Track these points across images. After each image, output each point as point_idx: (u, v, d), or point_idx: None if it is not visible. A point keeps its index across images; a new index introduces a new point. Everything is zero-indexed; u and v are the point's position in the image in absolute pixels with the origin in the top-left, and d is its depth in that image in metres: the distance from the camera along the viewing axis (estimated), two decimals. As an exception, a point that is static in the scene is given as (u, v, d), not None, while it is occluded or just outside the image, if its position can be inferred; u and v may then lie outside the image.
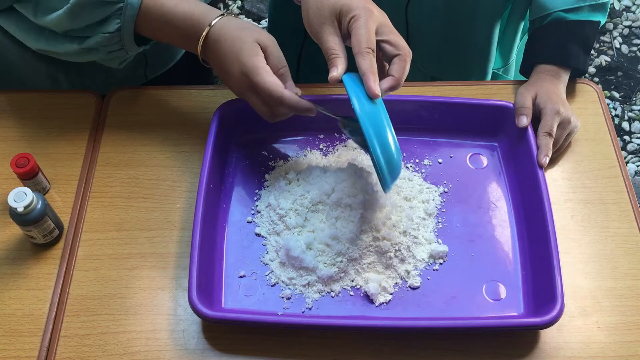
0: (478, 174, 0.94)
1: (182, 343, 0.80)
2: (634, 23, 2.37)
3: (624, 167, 0.95)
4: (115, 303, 0.83)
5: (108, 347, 0.80)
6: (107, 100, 1.02)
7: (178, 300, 0.83)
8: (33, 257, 0.87)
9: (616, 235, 0.88)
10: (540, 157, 0.89)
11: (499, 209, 0.90)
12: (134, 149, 0.97)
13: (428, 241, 0.86)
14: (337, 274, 0.83)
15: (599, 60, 2.27)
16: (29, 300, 0.83)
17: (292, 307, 0.82)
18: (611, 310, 0.82)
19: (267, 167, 0.94)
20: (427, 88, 1.03)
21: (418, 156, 0.95)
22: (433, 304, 0.82)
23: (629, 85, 2.22)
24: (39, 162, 0.89)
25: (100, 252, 0.87)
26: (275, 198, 0.88)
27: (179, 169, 0.95)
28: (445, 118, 0.96)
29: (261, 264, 0.85)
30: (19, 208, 0.80)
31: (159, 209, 0.91)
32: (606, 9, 0.98)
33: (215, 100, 1.00)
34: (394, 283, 0.83)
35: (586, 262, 0.86)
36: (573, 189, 0.92)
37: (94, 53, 0.88)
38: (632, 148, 2.09)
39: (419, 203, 0.89)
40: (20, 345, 0.80)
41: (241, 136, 0.96)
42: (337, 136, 0.97)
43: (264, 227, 0.88)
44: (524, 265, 0.85)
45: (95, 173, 0.94)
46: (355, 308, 0.82)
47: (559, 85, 0.96)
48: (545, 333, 0.80)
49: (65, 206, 0.91)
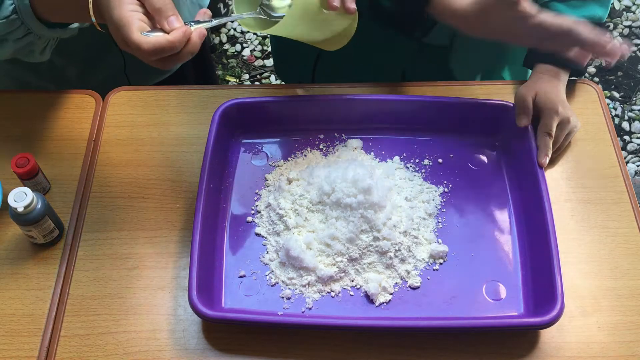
0: (478, 174, 0.94)
1: (182, 343, 0.80)
2: (634, 23, 2.37)
3: (624, 167, 0.95)
4: (115, 303, 0.83)
5: (108, 347, 0.80)
6: (107, 100, 1.02)
7: (178, 300, 0.83)
8: (33, 257, 0.87)
9: (616, 235, 0.88)
10: (540, 157, 0.89)
11: (499, 209, 0.90)
12: (134, 149, 0.97)
13: (428, 241, 0.86)
14: (337, 274, 0.83)
15: (599, 60, 2.27)
16: (29, 300, 0.83)
17: (292, 307, 0.82)
18: (611, 310, 0.82)
19: (267, 167, 0.94)
20: (428, 88, 1.03)
21: (418, 156, 0.95)
22: (433, 304, 0.82)
23: (629, 85, 2.22)
24: (39, 162, 0.89)
25: (100, 252, 0.87)
26: (275, 198, 0.88)
27: (179, 169, 0.95)
28: (445, 118, 0.96)
29: (261, 264, 0.85)
30: (19, 208, 0.80)
31: (159, 209, 0.91)
32: (607, 4, 0.97)
33: (215, 100, 1.00)
34: (394, 283, 0.83)
35: (586, 262, 0.86)
36: (573, 189, 0.92)
37: (4, 45, 0.83)
38: (632, 148, 2.09)
39: (419, 203, 0.89)
40: (20, 345, 0.80)
41: (241, 136, 0.96)
42: (337, 136, 0.97)
43: (264, 227, 0.88)
44: (524, 265, 0.85)
45: (95, 173, 0.94)
46: (355, 308, 0.82)
47: (559, 85, 0.96)
48: (545, 333, 0.80)
49: (65, 206, 0.91)
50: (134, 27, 0.69)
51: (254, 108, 0.95)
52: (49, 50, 0.88)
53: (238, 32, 2.38)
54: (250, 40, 2.36)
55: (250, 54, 2.32)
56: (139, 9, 0.71)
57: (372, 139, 0.97)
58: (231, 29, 2.39)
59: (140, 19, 0.70)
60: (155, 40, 0.69)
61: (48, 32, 0.84)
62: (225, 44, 2.35)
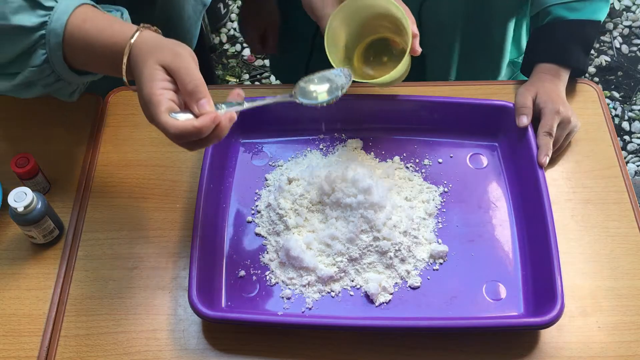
0: (478, 174, 0.94)
1: (182, 343, 0.80)
2: (634, 23, 2.37)
3: (624, 167, 0.95)
4: (115, 303, 0.83)
5: (108, 347, 0.80)
6: (107, 100, 1.02)
7: (178, 300, 0.83)
8: (33, 257, 0.87)
9: (616, 235, 0.88)
10: (540, 156, 0.89)
11: (499, 209, 0.90)
12: (134, 149, 0.97)
13: (428, 241, 0.86)
14: (337, 274, 0.83)
15: (599, 60, 2.27)
16: (29, 300, 0.83)
17: (292, 307, 0.82)
18: (611, 310, 0.82)
19: (267, 167, 0.94)
20: (428, 88, 1.03)
21: (418, 156, 0.95)
22: (433, 304, 0.82)
23: (629, 85, 2.22)
24: (39, 162, 0.89)
25: (100, 252, 0.87)
26: (275, 198, 0.88)
27: (179, 169, 0.95)
28: (445, 118, 0.96)
29: (261, 264, 0.85)
30: (19, 208, 0.80)
31: (159, 209, 0.91)
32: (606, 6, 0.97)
33: (216, 100, 0.99)
34: (394, 283, 0.83)
35: (586, 262, 0.86)
36: (573, 189, 0.92)
37: (32, 88, 0.81)
38: (632, 148, 2.09)
39: (419, 203, 0.89)
40: (20, 345, 0.80)
41: (241, 136, 0.96)
42: (337, 136, 0.97)
43: (264, 227, 0.88)
44: (524, 265, 0.85)
45: (95, 173, 0.94)
46: (355, 308, 0.82)
47: (559, 85, 0.96)
48: (545, 333, 0.80)
49: (65, 206, 0.91)
50: (163, 108, 0.68)
51: (254, 108, 0.94)
52: (78, 93, 0.87)
53: (238, 32, 2.38)
54: (250, 40, 2.36)
55: (250, 54, 2.32)
56: (170, 86, 0.70)
57: (372, 139, 0.97)
58: (231, 29, 2.39)
59: (170, 98, 0.69)
60: (182, 125, 0.67)
61: (79, 78, 0.83)
62: (225, 44, 2.35)
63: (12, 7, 0.73)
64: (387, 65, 0.93)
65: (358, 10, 0.88)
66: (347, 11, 0.87)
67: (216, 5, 2.31)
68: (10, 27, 0.74)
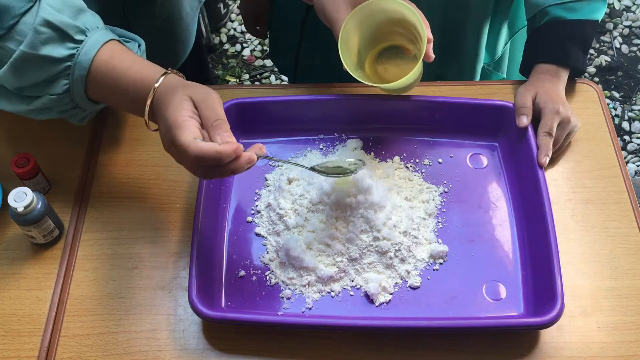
0: (478, 174, 0.94)
1: (182, 343, 0.80)
2: (634, 23, 2.37)
3: (624, 167, 0.95)
4: (115, 303, 0.83)
5: (108, 347, 0.80)
6: (107, 100, 1.02)
7: (178, 300, 0.83)
8: (33, 257, 0.87)
9: (616, 235, 0.88)
10: (540, 157, 0.89)
11: (499, 209, 0.90)
12: (134, 149, 0.97)
13: (428, 241, 0.86)
14: (337, 274, 0.83)
15: (599, 60, 2.27)
16: (29, 300, 0.83)
17: (292, 307, 0.82)
18: (611, 310, 0.82)
19: (267, 167, 0.94)
20: (428, 88, 1.03)
21: (418, 156, 0.95)
22: (433, 304, 0.82)
23: (629, 85, 2.22)
24: (39, 162, 0.89)
25: (100, 252, 0.87)
26: (275, 198, 0.88)
27: (179, 168, 0.94)
28: (445, 118, 0.96)
29: (261, 264, 0.85)
30: (19, 208, 0.80)
31: (159, 209, 0.91)
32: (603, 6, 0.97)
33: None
34: (394, 283, 0.83)
35: (586, 262, 0.86)
36: (573, 189, 0.92)
37: (47, 112, 0.82)
38: (632, 148, 2.09)
39: (419, 203, 0.90)
40: (20, 345, 0.80)
41: (241, 136, 0.96)
42: (337, 136, 0.97)
43: (264, 227, 0.88)
44: (524, 265, 0.85)
45: (96, 173, 0.94)
46: (355, 308, 0.82)
47: (559, 85, 0.96)
48: (545, 333, 0.80)
49: (65, 206, 0.91)
50: (188, 131, 0.69)
51: (254, 108, 0.95)
52: (88, 118, 0.87)
53: (238, 32, 2.38)
54: (250, 40, 2.36)
55: (250, 54, 2.32)
56: (196, 117, 0.72)
57: (372, 139, 0.97)
58: (231, 29, 2.39)
59: (196, 126, 0.71)
60: (205, 146, 0.68)
61: (94, 106, 0.84)
62: (225, 44, 2.35)
63: (43, 38, 0.74)
64: (400, 71, 0.93)
65: (372, 14, 0.87)
66: (361, 15, 0.86)
67: (216, 5, 2.31)
68: (39, 57, 0.75)
